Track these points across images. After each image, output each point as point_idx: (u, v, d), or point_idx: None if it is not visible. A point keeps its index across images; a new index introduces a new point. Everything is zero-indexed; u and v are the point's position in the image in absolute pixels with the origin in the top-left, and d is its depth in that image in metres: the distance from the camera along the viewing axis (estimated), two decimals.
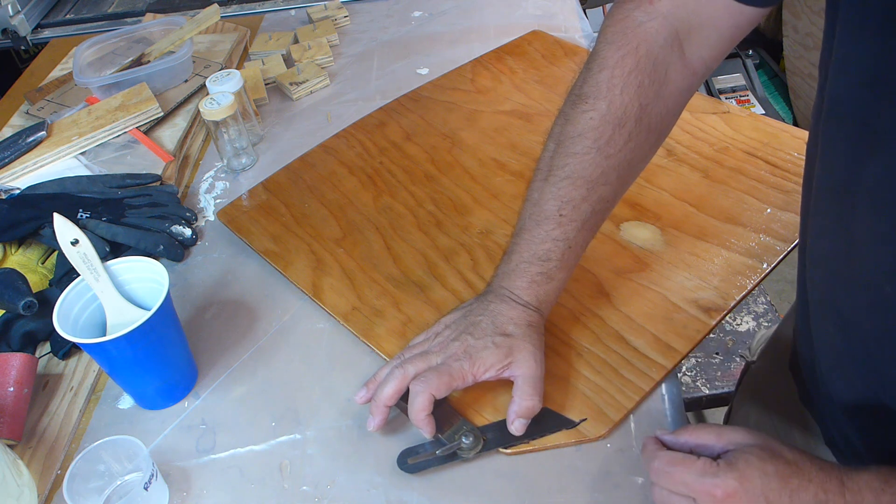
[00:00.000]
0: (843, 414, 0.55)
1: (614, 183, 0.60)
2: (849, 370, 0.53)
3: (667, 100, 0.59)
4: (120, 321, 0.64)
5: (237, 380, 0.69)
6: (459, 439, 0.58)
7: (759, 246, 0.72)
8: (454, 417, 0.60)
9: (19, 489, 0.58)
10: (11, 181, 0.90)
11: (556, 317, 0.67)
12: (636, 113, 0.58)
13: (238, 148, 0.94)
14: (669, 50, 0.58)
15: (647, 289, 0.69)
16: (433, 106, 0.98)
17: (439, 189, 0.85)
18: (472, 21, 1.20)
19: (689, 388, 1.07)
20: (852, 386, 0.53)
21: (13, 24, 1.32)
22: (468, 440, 0.58)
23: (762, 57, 2.33)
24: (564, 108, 0.61)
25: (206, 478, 0.61)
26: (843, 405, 0.55)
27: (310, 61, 1.12)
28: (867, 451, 0.55)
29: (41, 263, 0.82)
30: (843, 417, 0.55)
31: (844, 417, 0.55)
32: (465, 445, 0.58)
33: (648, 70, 0.57)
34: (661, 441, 0.49)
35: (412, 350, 0.62)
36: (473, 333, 0.60)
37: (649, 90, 0.58)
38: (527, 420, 0.58)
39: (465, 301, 0.66)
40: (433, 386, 0.57)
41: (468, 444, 0.58)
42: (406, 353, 0.62)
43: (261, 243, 0.81)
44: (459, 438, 0.58)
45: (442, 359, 0.59)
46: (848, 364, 0.52)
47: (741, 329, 1.14)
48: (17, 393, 0.64)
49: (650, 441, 0.49)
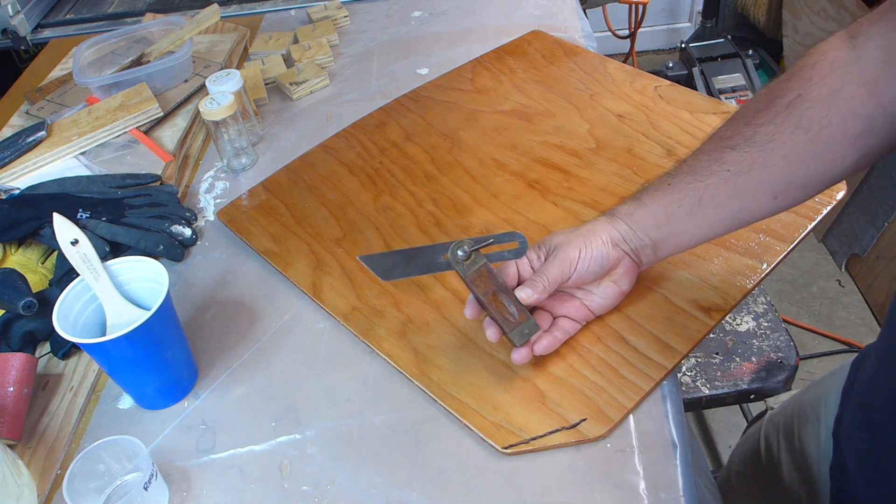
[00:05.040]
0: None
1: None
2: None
3: (831, 109, 0.54)
4: (120, 321, 0.64)
5: (237, 380, 0.69)
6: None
7: (759, 246, 0.72)
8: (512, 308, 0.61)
9: (19, 489, 0.58)
10: (11, 181, 0.90)
11: None
12: (791, 97, 0.55)
13: (238, 148, 0.94)
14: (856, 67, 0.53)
15: (647, 289, 0.69)
16: (433, 106, 0.98)
17: (439, 189, 0.85)
18: (472, 21, 1.20)
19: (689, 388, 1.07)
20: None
21: (13, 24, 1.32)
22: (463, 254, 0.60)
23: (762, 57, 2.32)
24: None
25: (206, 478, 0.61)
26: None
27: (310, 61, 1.12)
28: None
29: (41, 263, 0.82)
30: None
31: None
32: (459, 257, 0.60)
33: (823, 68, 0.55)
34: None
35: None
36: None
37: (816, 86, 0.55)
38: (532, 292, 0.60)
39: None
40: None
41: (462, 255, 0.60)
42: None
43: (261, 243, 0.81)
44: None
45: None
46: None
47: (741, 329, 1.14)
48: (17, 393, 0.64)
49: None
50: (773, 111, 0.56)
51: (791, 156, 0.56)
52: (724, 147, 0.59)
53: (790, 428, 0.81)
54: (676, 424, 0.60)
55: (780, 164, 0.56)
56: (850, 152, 0.55)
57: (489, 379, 0.63)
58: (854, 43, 0.54)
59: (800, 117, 0.55)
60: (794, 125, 0.55)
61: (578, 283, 0.63)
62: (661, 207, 0.61)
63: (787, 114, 0.55)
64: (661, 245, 0.63)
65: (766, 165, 0.56)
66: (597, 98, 0.94)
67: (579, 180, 0.82)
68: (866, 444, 0.60)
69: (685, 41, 2.36)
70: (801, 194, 0.59)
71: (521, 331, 0.60)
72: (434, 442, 0.61)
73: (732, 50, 2.24)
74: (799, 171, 0.56)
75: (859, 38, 0.53)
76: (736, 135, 0.59)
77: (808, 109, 0.54)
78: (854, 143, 0.54)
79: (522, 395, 0.62)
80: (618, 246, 0.62)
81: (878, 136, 0.53)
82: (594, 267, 0.62)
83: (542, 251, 0.63)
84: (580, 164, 0.84)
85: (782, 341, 1.12)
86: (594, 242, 0.61)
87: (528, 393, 0.62)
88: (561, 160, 0.85)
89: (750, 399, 1.09)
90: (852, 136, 0.54)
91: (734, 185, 0.58)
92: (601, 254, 0.61)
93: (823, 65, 0.55)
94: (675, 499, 0.55)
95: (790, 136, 0.55)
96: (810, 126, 0.54)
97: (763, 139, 0.56)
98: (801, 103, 0.55)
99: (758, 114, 0.57)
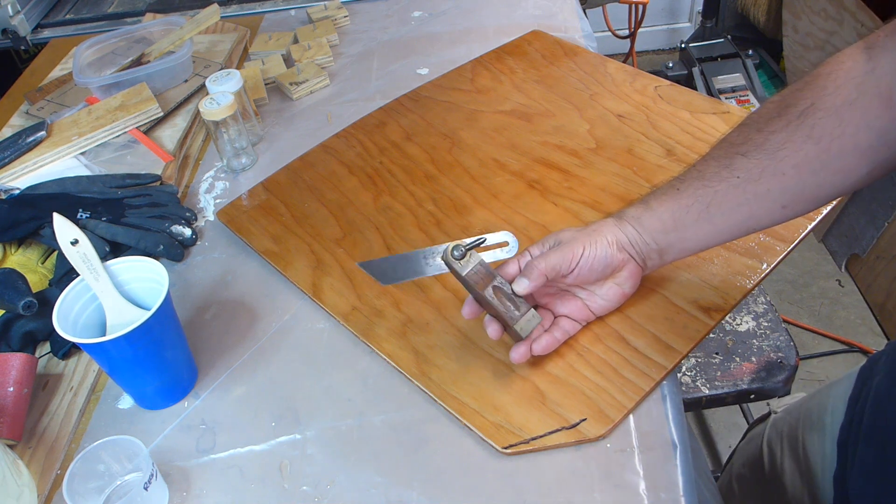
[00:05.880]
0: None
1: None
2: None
3: (844, 120, 0.54)
4: (120, 321, 0.64)
5: (237, 380, 0.69)
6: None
7: (759, 246, 0.72)
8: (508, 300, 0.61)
9: (19, 489, 0.58)
10: (11, 181, 0.90)
11: None
12: (804, 106, 0.55)
13: (238, 148, 0.94)
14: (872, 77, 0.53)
15: (648, 289, 0.69)
16: (433, 106, 0.98)
17: (439, 189, 0.85)
18: (472, 21, 1.20)
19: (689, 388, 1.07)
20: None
21: (13, 24, 1.32)
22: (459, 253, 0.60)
23: (762, 57, 2.33)
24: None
25: (206, 478, 0.61)
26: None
27: (310, 61, 1.12)
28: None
29: (41, 263, 0.82)
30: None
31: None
32: (455, 255, 0.60)
33: (838, 77, 0.54)
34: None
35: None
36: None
37: (830, 96, 0.54)
38: (527, 282, 0.60)
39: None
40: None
41: (458, 255, 0.60)
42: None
43: (261, 243, 0.81)
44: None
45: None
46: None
47: (741, 329, 1.14)
48: (17, 393, 0.64)
49: None
50: (786, 119, 0.56)
51: (802, 165, 0.55)
52: (735, 153, 0.59)
53: (794, 434, 0.81)
54: (676, 424, 0.60)
55: (791, 173, 0.56)
56: (861, 164, 0.54)
57: (489, 379, 0.63)
58: (870, 54, 0.53)
59: (812, 126, 0.54)
60: (805, 135, 0.55)
61: (581, 282, 0.63)
62: (669, 213, 0.61)
63: (800, 123, 0.55)
64: (668, 250, 0.62)
65: (777, 174, 0.56)
66: (597, 98, 0.94)
67: (579, 180, 0.82)
68: (873, 457, 0.60)
69: (685, 41, 2.36)
70: (809, 204, 0.58)
71: (524, 323, 0.60)
72: (434, 442, 0.61)
73: (732, 50, 2.24)
74: (809, 181, 0.56)
75: (875, 49, 0.53)
76: (747, 141, 0.58)
77: (821, 119, 0.54)
78: (865, 154, 0.54)
79: (522, 394, 0.62)
80: (623, 249, 0.62)
81: (891, 149, 0.53)
82: (598, 267, 0.61)
83: (546, 246, 0.63)
84: (580, 164, 0.84)
85: (782, 341, 1.12)
86: (600, 243, 0.61)
87: (528, 393, 0.62)
88: (561, 160, 0.85)
89: (750, 399, 1.09)
90: (864, 148, 0.53)
91: (743, 193, 0.58)
92: (605, 254, 0.61)
93: (839, 75, 0.54)
94: (675, 499, 0.55)
95: (801, 146, 0.55)
96: (822, 136, 0.54)
97: (774, 147, 0.56)
98: (813, 113, 0.54)
99: (770, 121, 0.57)
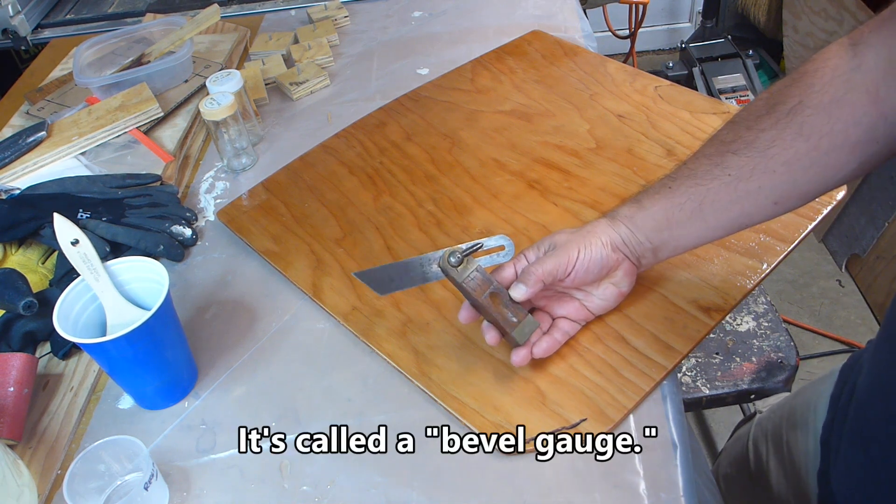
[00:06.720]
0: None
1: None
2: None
3: (833, 117, 0.54)
4: (120, 321, 0.64)
5: (237, 380, 0.69)
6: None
7: (759, 246, 0.72)
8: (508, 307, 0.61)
9: (19, 489, 0.58)
10: (11, 181, 0.90)
11: None
12: (793, 104, 0.55)
13: (238, 148, 0.94)
14: (860, 73, 0.53)
15: (647, 289, 0.69)
16: (433, 106, 0.98)
17: (439, 189, 0.85)
18: (472, 21, 1.20)
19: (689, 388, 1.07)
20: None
21: (13, 24, 1.32)
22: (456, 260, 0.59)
23: (762, 57, 2.33)
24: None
25: (206, 478, 0.61)
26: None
27: (310, 61, 1.12)
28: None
29: (41, 263, 0.82)
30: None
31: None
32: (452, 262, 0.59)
33: (825, 75, 0.55)
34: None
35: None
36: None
37: (818, 94, 0.55)
38: (524, 288, 0.60)
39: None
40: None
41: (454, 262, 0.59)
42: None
43: (261, 243, 0.81)
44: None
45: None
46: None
47: (741, 329, 1.14)
48: (17, 393, 0.64)
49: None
50: (775, 117, 0.56)
51: (792, 162, 0.56)
52: (726, 151, 0.59)
53: (779, 433, 0.81)
54: (676, 424, 0.60)
55: (781, 171, 0.56)
56: (851, 159, 0.55)
57: (489, 379, 0.63)
58: (855, 51, 0.54)
59: (801, 124, 0.55)
60: (795, 132, 0.55)
61: (577, 284, 0.63)
62: (662, 211, 0.61)
63: (789, 120, 0.55)
64: (661, 248, 0.63)
65: (767, 171, 0.57)
66: (597, 98, 0.94)
67: (579, 180, 0.82)
68: (858, 458, 0.60)
69: (685, 41, 2.36)
70: (801, 200, 0.59)
71: (522, 330, 0.60)
72: (434, 442, 0.61)
73: (732, 50, 2.24)
74: (800, 178, 0.56)
75: (860, 45, 0.53)
76: (737, 139, 0.59)
77: (810, 117, 0.54)
78: (854, 150, 0.54)
79: (522, 395, 0.62)
80: (618, 249, 0.62)
81: (879, 144, 0.53)
82: (593, 268, 0.62)
83: (541, 250, 0.63)
84: (580, 164, 0.84)
85: (782, 341, 1.12)
86: (594, 244, 0.61)
87: (528, 393, 0.62)
88: (561, 160, 0.85)
89: (750, 399, 1.09)
90: (853, 144, 0.54)
91: (735, 190, 0.58)
92: (600, 255, 0.61)
93: (825, 72, 0.55)
94: (675, 499, 0.55)
95: (791, 143, 0.55)
96: (811, 133, 0.54)
97: (764, 145, 0.56)
98: (802, 110, 0.55)
99: (760, 119, 0.57)
